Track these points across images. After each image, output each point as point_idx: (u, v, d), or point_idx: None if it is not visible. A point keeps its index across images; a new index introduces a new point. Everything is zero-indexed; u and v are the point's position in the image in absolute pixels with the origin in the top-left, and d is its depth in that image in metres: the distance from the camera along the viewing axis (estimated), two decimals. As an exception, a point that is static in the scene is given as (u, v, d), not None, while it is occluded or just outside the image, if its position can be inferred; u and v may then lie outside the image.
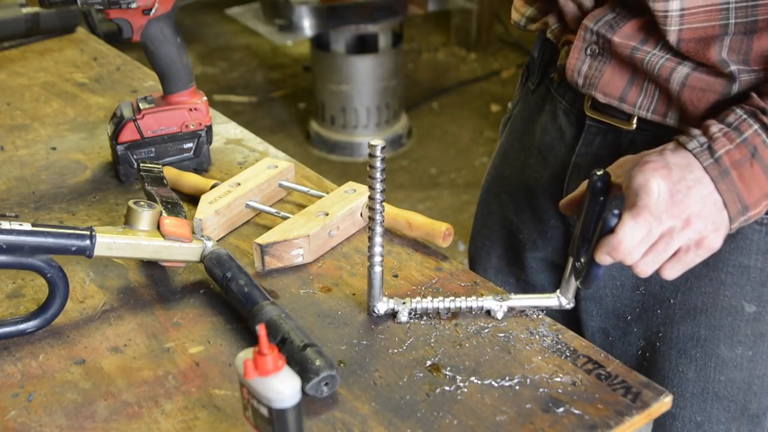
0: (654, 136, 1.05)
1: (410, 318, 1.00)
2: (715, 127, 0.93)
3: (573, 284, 1.00)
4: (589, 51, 1.06)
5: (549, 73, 1.20)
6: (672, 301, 1.12)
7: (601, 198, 0.92)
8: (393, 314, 1.01)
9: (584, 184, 0.96)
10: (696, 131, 0.94)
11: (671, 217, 0.89)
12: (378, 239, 0.97)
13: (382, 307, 1.00)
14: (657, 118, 1.04)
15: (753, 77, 0.99)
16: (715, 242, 0.92)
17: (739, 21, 0.96)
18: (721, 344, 1.11)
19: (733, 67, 0.98)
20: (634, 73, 1.04)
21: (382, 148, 0.92)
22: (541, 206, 1.22)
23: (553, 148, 1.18)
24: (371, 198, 0.95)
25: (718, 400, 1.14)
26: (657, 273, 0.93)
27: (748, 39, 0.97)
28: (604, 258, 0.90)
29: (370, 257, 0.98)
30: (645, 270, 0.91)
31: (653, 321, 1.15)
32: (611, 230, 0.89)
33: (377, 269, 0.98)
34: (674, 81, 1.01)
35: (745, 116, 0.93)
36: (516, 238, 1.28)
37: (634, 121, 1.07)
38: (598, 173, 0.92)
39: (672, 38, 0.98)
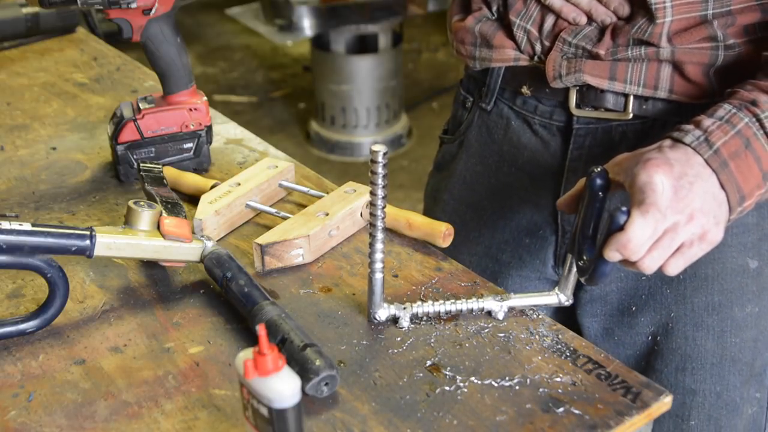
0: (643, 124, 1.10)
1: (411, 323, 1.00)
2: (707, 121, 0.95)
3: (572, 281, 1.00)
4: (564, 57, 1.09)
5: (506, 91, 1.21)
6: (681, 276, 1.13)
7: (601, 194, 0.92)
8: (394, 320, 1.00)
9: (582, 182, 0.97)
10: (688, 126, 0.96)
11: (675, 213, 0.90)
12: (379, 245, 0.96)
13: (383, 314, 0.99)
14: (648, 92, 1.08)
15: (736, 49, 1.04)
16: (717, 236, 0.93)
17: (716, 11, 1.02)
18: (734, 306, 1.15)
19: (721, 34, 1.03)
20: (617, 61, 1.07)
21: (384, 153, 0.91)
22: (530, 220, 1.23)
23: (538, 161, 1.19)
24: (373, 204, 0.94)
25: (734, 364, 1.16)
26: (660, 269, 0.93)
27: (731, 16, 1.03)
28: (613, 255, 0.90)
29: (371, 263, 0.97)
30: (650, 266, 0.92)
31: (663, 303, 1.16)
32: (620, 228, 0.89)
33: (378, 276, 0.97)
34: (661, 55, 1.05)
35: (734, 110, 0.95)
36: (495, 260, 1.28)
37: (630, 108, 1.09)
38: (597, 170, 0.92)
39: (665, 30, 1.03)
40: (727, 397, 1.17)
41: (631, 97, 1.09)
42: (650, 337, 1.18)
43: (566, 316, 1.22)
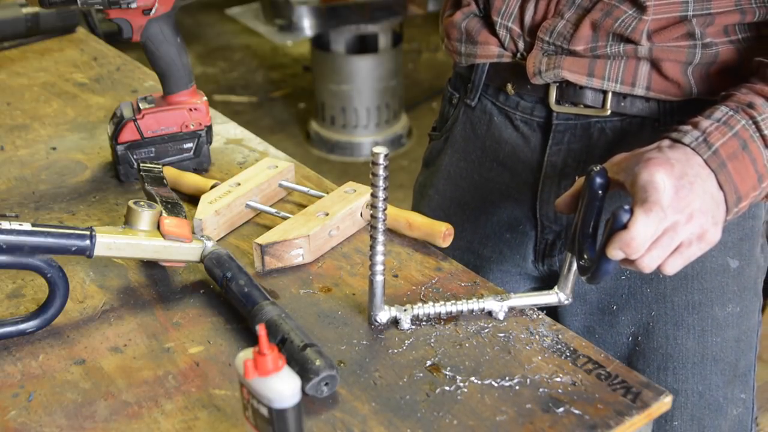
0: (622, 121, 1.12)
1: (411, 323, 1.00)
2: (705, 122, 0.96)
3: (571, 280, 1.00)
4: (545, 54, 1.10)
5: (490, 87, 1.22)
6: (661, 275, 1.14)
7: (600, 193, 0.92)
8: (395, 321, 1.00)
9: (580, 181, 0.97)
10: (685, 127, 0.97)
11: (676, 212, 0.90)
12: (380, 248, 0.95)
13: (383, 316, 0.99)
14: (626, 89, 1.09)
15: (714, 48, 1.05)
16: (715, 236, 0.93)
17: (697, 13, 1.03)
18: (715, 305, 1.16)
19: (699, 32, 1.04)
20: (595, 58, 1.09)
21: (385, 155, 0.90)
22: (510, 215, 1.23)
23: (518, 156, 1.20)
24: (374, 206, 0.93)
25: (716, 364, 1.17)
26: (658, 268, 0.93)
27: (711, 16, 1.04)
28: (616, 253, 0.90)
29: (372, 265, 0.96)
30: (650, 265, 0.92)
31: (643, 302, 1.17)
32: (623, 226, 0.89)
33: (379, 278, 0.96)
34: (639, 53, 1.07)
35: (731, 113, 0.96)
36: (476, 255, 1.28)
37: (608, 104, 1.09)
38: (596, 168, 0.93)
39: (645, 27, 1.04)
40: (710, 397, 1.17)
41: (610, 94, 1.11)
42: (631, 337, 1.19)
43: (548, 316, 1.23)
